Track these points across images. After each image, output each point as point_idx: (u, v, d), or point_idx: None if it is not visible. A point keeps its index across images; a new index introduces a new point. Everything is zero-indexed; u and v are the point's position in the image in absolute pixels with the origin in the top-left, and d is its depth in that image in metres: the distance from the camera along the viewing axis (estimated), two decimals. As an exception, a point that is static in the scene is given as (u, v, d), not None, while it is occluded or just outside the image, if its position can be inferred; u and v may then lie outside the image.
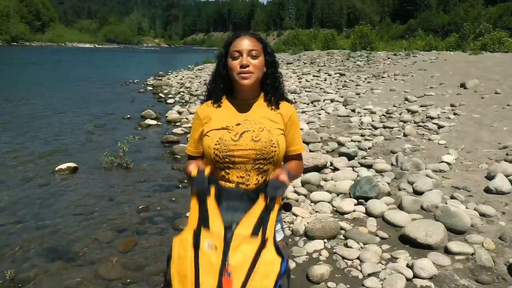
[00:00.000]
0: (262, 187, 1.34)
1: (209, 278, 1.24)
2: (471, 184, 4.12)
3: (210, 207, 1.30)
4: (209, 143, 1.49)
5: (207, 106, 1.60)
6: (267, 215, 1.29)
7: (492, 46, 20.84)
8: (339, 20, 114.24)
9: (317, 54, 26.43)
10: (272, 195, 1.29)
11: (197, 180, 1.32)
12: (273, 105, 1.57)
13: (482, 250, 2.83)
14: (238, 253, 1.25)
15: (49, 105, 10.48)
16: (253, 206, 1.30)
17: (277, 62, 1.60)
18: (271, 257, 1.27)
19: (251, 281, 1.24)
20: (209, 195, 1.31)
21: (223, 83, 1.56)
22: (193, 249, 1.27)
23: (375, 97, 10.00)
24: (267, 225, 1.28)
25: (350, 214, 3.61)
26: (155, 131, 7.90)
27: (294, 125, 1.60)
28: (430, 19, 60.71)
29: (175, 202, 4.37)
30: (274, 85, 1.58)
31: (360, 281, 2.61)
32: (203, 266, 1.25)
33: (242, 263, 1.25)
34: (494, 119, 6.74)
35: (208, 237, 1.27)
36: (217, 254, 1.25)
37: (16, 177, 5.00)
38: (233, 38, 1.52)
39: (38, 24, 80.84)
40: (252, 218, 1.28)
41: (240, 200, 1.34)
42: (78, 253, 3.25)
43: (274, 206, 1.30)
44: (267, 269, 1.26)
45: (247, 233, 1.27)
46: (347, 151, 5.30)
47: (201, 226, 1.28)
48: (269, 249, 1.27)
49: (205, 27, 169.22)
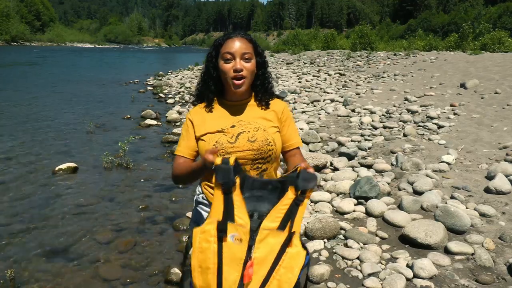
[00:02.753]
0: (290, 178, 1.27)
1: (232, 271, 1.22)
2: (471, 184, 4.12)
3: (236, 199, 1.25)
4: (206, 147, 1.47)
5: (199, 109, 1.58)
6: (295, 208, 1.24)
7: (492, 46, 20.84)
8: (339, 20, 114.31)
9: (317, 54, 26.45)
10: (304, 187, 1.23)
11: (222, 170, 1.24)
12: (264, 105, 1.57)
13: (482, 250, 2.83)
14: (263, 246, 1.23)
15: (49, 105, 10.48)
16: (282, 199, 1.25)
17: (267, 62, 1.59)
18: (297, 251, 1.25)
19: (275, 274, 1.23)
20: (234, 186, 1.26)
21: (214, 84, 1.54)
22: (217, 241, 1.24)
23: (375, 97, 10.00)
24: (295, 218, 1.24)
25: (350, 214, 3.61)
26: (155, 131, 7.90)
27: (288, 120, 1.60)
28: (430, 19, 60.70)
29: (175, 202, 4.37)
30: (264, 86, 1.57)
31: (360, 281, 2.61)
32: (227, 259, 1.23)
33: (266, 256, 1.23)
34: (494, 119, 6.74)
35: (233, 230, 1.23)
36: (241, 247, 1.23)
37: (16, 177, 5.01)
38: (224, 39, 1.49)
39: (38, 24, 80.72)
40: (280, 211, 1.24)
41: (264, 190, 1.29)
42: (78, 253, 3.25)
43: (304, 199, 1.24)
44: (292, 263, 1.24)
45: (274, 226, 1.23)
46: (347, 151, 5.30)
47: (226, 219, 1.24)
48: (295, 243, 1.25)
49: (205, 27, 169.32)
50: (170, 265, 3.01)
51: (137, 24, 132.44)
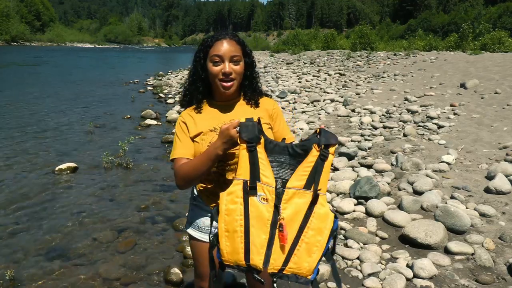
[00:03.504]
0: (311, 139, 1.24)
1: (259, 232, 1.20)
2: (471, 184, 4.12)
3: (261, 157, 1.22)
4: (200, 148, 1.47)
5: (189, 111, 1.57)
6: (321, 165, 1.20)
7: (492, 46, 20.85)
8: (339, 20, 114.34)
9: (317, 54, 26.45)
10: (327, 142, 1.20)
11: (247, 126, 1.22)
12: (253, 103, 1.58)
13: (482, 250, 2.83)
14: (290, 206, 1.20)
15: (49, 105, 10.48)
16: (307, 157, 1.21)
17: (255, 62, 1.60)
18: (325, 212, 1.21)
19: (304, 237, 1.19)
20: (259, 143, 1.22)
21: (202, 86, 1.54)
22: (243, 202, 1.21)
23: (375, 97, 10.00)
24: (321, 176, 1.20)
25: (350, 214, 3.61)
26: (155, 131, 7.90)
27: (279, 117, 1.61)
28: (430, 19, 60.71)
29: (175, 202, 4.37)
30: (252, 86, 1.58)
31: (360, 281, 2.61)
32: (254, 219, 1.20)
33: (294, 217, 1.19)
34: (494, 119, 6.74)
35: (259, 189, 1.21)
36: (268, 207, 1.20)
37: (16, 177, 5.01)
38: (213, 41, 1.47)
39: (38, 24, 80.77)
40: (305, 169, 1.21)
41: (286, 155, 1.26)
42: (78, 253, 3.25)
43: (329, 155, 1.21)
44: (320, 224, 1.20)
45: (300, 185, 1.20)
46: (347, 151, 5.30)
47: (253, 178, 1.21)
48: (323, 202, 1.21)
49: (205, 27, 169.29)
50: (170, 265, 3.01)
51: (137, 24, 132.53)
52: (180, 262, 3.11)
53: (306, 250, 1.20)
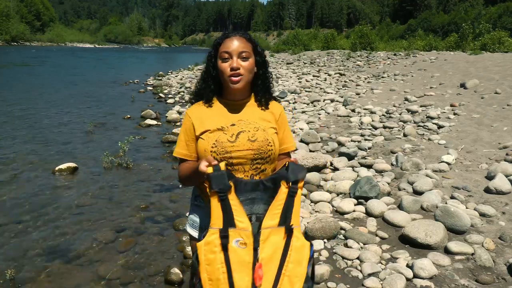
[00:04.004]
0: (279, 174, 1.29)
1: (243, 276, 1.22)
2: (471, 184, 4.12)
3: (233, 203, 1.25)
4: (205, 146, 1.46)
5: (198, 106, 1.57)
6: (291, 201, 1.26)
7: (492, 46, 20.84)
8: (339, 20, 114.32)
9: (317, 54, 26.45)
10: (295, 177, 1.25)
11: (216, 177, 1.24)
12: (263, 105, 1.57)
13: (482, 250, 2.83)
14: (268, 246, 1.24)
15: (49, 105, 10.48)
16: (276, 195, 1.26)
17: (267, 62, 1.59)
18: (301, 243, 1.27)
19: (285, 271, 1.24)
20: (230, 191, 1.25)
21: (214, 84, 1.54)
22: (222, 250, 1.23)
23: (375, 97, 10.00)
24: (293, 211, 1.26)
25: (350, 214, 3.61)
26: (155, 131, 7.90)
27: (284, 124, 1.61)
28: (430, 19, 60.71)
29: (175, 202, 4.37)
30: (264, 85, 1.57)
31: (360, 281, 2.61)
32: (235, 264, 1.22)
33: (273, 255, 1.24)
34: (494, 119, 6.74)
35: (236, 235, 1.23)
36: (248, 251, 1.23)
37: (16, 177, 5.01)
38: (222, 39, 1.48)
39: (38, 24, 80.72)
40: (277, 208, 1.26)
41: (257, 191, 1.30)
42: (78, 253, 3.25)
43: (297, 190, 1.26)
44: (298, 256, 1.26)
45: (274, 223, 1.25)
46: (347, 151, 5.30)
47: (227, 226, 1.23)
48: (298, 235, 1.27)
49: (205, 27, 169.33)
50: (170, 265, 3.01)
51: (137, 24, 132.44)
52: (180, 262, 3.10)
53: (288, 282, 1.25)
